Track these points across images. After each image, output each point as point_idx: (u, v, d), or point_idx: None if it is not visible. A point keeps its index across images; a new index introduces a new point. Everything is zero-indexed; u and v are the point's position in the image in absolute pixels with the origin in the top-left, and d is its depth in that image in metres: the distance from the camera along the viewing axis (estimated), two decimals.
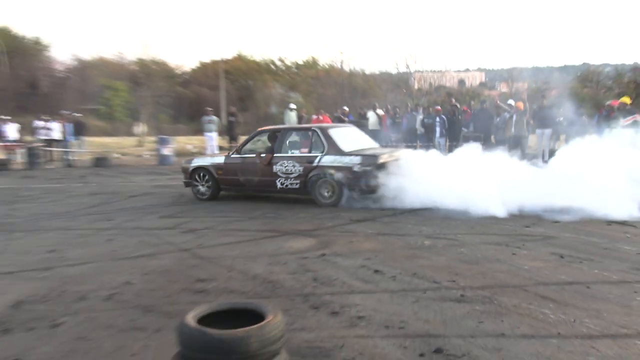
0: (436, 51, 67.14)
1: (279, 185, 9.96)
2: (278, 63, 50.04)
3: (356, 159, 9.28)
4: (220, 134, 22.17)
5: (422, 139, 18.50)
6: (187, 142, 29.72)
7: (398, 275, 5.32)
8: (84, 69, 43.57)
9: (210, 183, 10.71)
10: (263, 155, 10.11)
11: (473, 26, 79.78)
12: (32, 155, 19.87)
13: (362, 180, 9.16)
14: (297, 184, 9.79)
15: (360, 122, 17.89)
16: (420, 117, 19.05)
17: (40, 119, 21.59)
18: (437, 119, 18.22)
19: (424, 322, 4.09)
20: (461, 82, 56.71)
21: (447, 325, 4.01)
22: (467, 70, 60.48)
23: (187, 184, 11.11)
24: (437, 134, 18.04)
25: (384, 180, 8.99)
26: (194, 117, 38.46)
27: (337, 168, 9.36)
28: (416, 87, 37.50)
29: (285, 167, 9.81)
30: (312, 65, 48.44)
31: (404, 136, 18.73)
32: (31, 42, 43.08)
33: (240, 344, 2.90)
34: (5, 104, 32.38)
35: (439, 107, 19.51)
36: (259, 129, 10.99)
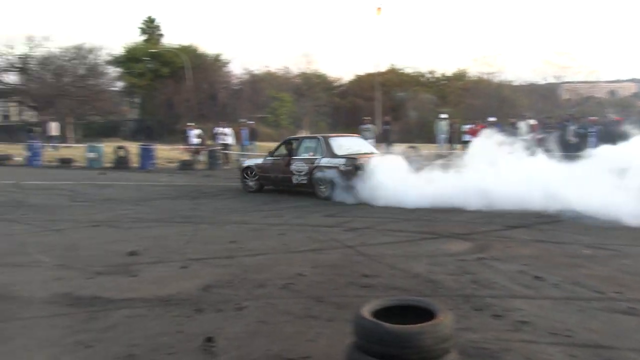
0: (586, 62, 62.80)
1: (294, 181, 12.49)
2: (428, 75, 50.07)
3: (342, 160, 11.56)
4: (377, 141, 22.61)
5: (572, 148, 17.68)
6: None
7: (560, 283, 5.18)
8: (255, 82, 46.67)
9: (256, 178, 13.37)
10: (284, 157, 12.80)
11: (626, 36, 72.80)
12: (213, 158, 21.73)
13: (346, 176, 11.22)
14: (305, 180, 12.20)
15: (510, 131, 17.57)
16: (572, 127, 18.34)
17: (219, 126, 23.52)
18: (592, 129, 17.44)
19: (592, 332, 3.95)
20: (612, 92, 52.41)
21: (617, 337, 3.84)
22: (619, 81, 55.51)
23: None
24: (592, 144, 17.14)
25: (362, 179, 10.92)
26: (350, 125, 39.58)
27: (330, 167, 11.66)
28: (566, 97, 35.85)
29: (298, 167, 12.38)
30: (460, 76, 47.85)
31: (556, 146, 18.06)
32: (212, 58, 47.14)
33: (414, 339, 3.04)
34: (190, 113, 35.88)
35: (594, 118, 18.61)
36: (287, 138, 13.89)
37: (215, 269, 6.04)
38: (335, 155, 11.81)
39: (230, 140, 22.93)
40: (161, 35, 49.72)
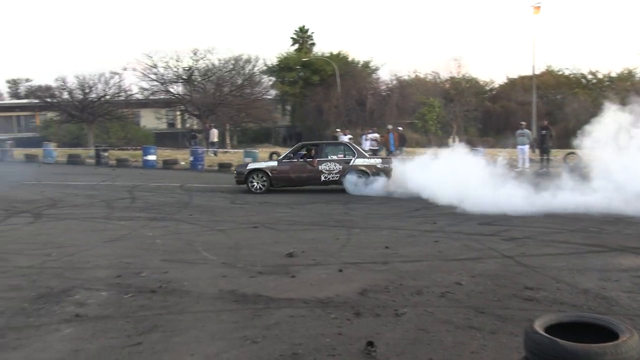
0: None
1: (322, 178, 14.78)
2: (589, 77, 46.42)
3: (379, 160, 15.24)
4: (532, 146, 21.49)
5: None
6: (495, 153, 29.39)
7: None
8: (403, 88, 46.59)
9: (264, 180, 14.79)
10: (310, 159, 14.93)
11: None
12: None
13: (381, 173, 14.33)
14: (337, 177, 14.64)
15: None
16: None
17: (367, 132, 23.76)
18: None
19: None
20: None
21: None
22: None
23: (239, 182, 15.13)
24: None
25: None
26: (501, 130, 38.02)
27: (366, 166, 14.58)
28: None
29: (329, 166, 14.72)
30: (627, 77, 43.74)
31: None
32: (361, 65, 47.85)
33: None
34: (338, 119, 36.71)
35: None
36: (301, 143, 16.76)
37: (371, 274, 6.07)
38: (366, 157, 15.24)
39: (368, 146, 23.04)
40: (313, 44, 51.34)
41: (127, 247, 7.77)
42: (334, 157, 14.92)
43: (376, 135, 23.57)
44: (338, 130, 26.62)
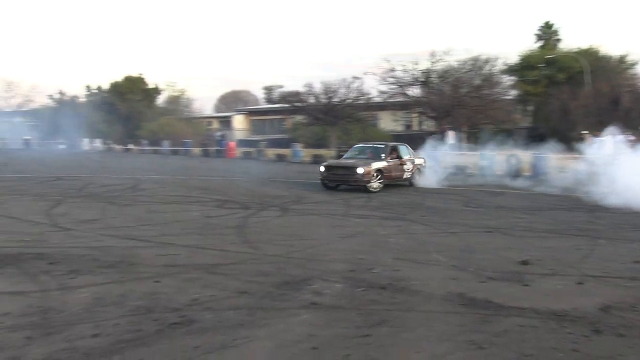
0: None
1: (404, 176, 17.05)
2: None
3: (421, 160, 18.20)
4: None
5: None
6: None
7: None
8: None
9: (380, 180, 15.77)
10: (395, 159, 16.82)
11: None
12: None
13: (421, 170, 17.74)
14: (410, 174, 17.20)
15: None
16: None
17: (622, 134, 21.51)
18: None
19: None
20: None
21: None
22: None
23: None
24: None
25: None
26: None
27: (422, 163, 17.96)
28: None
29: (408, 166, 17.16)
30: None
31: None
32: (615, 60, 43.38)
33: None
34: (586, 120, 33.76)
35: None
36: (358, 145, 19.34)
37: (616, 290, 5.54)
38: (419, 157, 18.35)
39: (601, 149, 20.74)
40: (558, 40, 48.06)
41: (362, 244, 8.17)
42: (407, 157, 17.37)
43: (629, 137, 21.18)
44: (585, 132, 24.48)
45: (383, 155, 16.63)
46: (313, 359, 4.01)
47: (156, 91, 55.26)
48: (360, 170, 15.39)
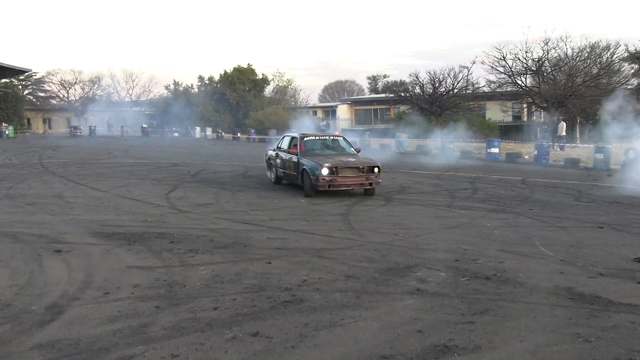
0: None
1: None
2: None
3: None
4: None
5: None
6: None
7: None
8: None
9: None
10: None
11: None
12: None
13: None
14: None
15: None
16: None
17: None
18: None
19: None
20: None
21: None
22: None
23: None
24: None
25: None
26: None
27: None
28: None
29: None
30: None
31: None
32: None
33: None
34: None
35: None
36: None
37: None
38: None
39: None
40: None
41: (466, 235, 8.19)
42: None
43: None
44: None
45: (352, 150, 13.61)
46: (418, 340, 4.18)
47: (264, 81, 56.92)
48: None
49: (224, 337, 4.24)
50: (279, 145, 14.27)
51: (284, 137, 14.54)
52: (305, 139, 13.38)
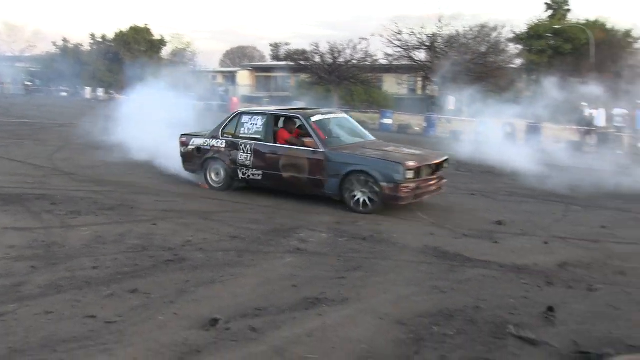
0: None
1: None
2: None
3: None
4: None
5: None
6: None
7: None
8: None
9: None
10: None
11: None
12: (604, 141, 20.33)
13: None
14: None
15: None
16: None
17: (619, 108, 21.84)
18: None
19: None
20: None
21: None
22: None
23: None
24: None
25: None
26: None
27: None
28: None
29: None
30: None
31: None
32: (621, 34, 43.03)
33: None
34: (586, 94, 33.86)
35: None
36: None
37: (577, 250, 6.00)
38: None
39: (599, 122, 21.19)
40: (568, 10, 47.57)
41: None
42: None
43: (623, 111, 21.50)
44: (584, 103, 24.70)
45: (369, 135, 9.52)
46: (292, 294, 4.48)
47: (162, 43, 54.97)
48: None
49: (102, 294, 4.33)
50: (229, 131, 8.82)
51: (241, 115, 8.92)
52: (315, 120, 8.47)
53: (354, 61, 41.45)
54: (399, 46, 40.26)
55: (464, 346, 3.64)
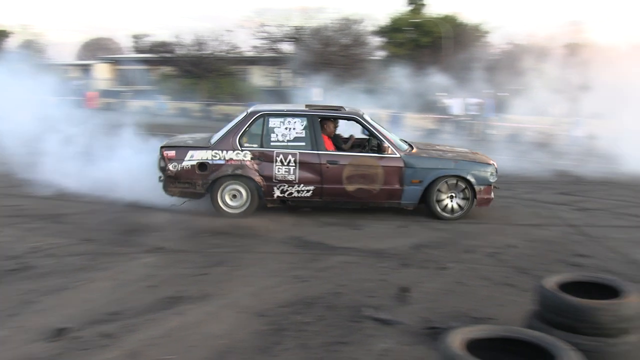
0: None
1: None
2: None
3: None
4: None
5: None
6: None
7: None
8: (514, 53, 44.61)
9: None
10: None
11: None
12: (459, 128, 21.88)
13: None
14: None
15: None
16: None
17: (471, 97, 23.48)
18: None
19: None
20: None
21: None
22: None
23: None
24: None
25: None
26: None
27: None
28: None
29: None
30: None
31: None
32: (472, 28, 46.23)
33: (591, 314, 3.01)
34: (443, 84, 36.09)
35: None
36: None
37: (431, 232, 6.33)
38: None
39: (455, 110, 22.88)
40: (422, 4, 50.24)
41: None
42: None
43: (477, 100, 23.19)
44: (441, 94, 26.28)
45: None
46: (150, 294, 4.32)
47: (4, 34, 50.71)
48: None
49: None
50: (252, 140, 7.02)
51: (265, 118, 7.06)
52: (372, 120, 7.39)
53: (220, 53, 40.94)
54: (264, 38, 40.33)
55: (323, 332, 3.71)
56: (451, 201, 6.95)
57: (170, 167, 6.80)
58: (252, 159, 6.88)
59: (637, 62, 14.25)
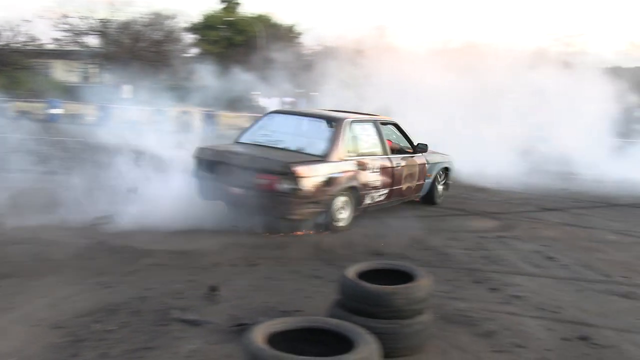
0: None
1: None
2: None
3: None
4: None
5: None
6: None
7: (570, 265, 5.31)
8: (327, 54, 46.73)
9: None
10: None
11: None
12: None
13: None
14: None
15: None
16: None
17: (285, 96, 24.16)
18: None
19: (580, 311, 4.09)
20: None
21: (603, 317, 3.96)
22: None
23: None
24: None
25: None
26: None
27: None
28: None
29: None
30: None
31: None
32: (285, 29, 47.45)
33: (386, 298, 3.27)
34: (259, 82, 36.58)
35: None
36: None
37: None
38: None
39: (271, 109, 23.66)
40: (237, 3, 50.46)
41: None
42: None
43: (291, 99, 23.94)
44: (256, 93, 26.62)
45: None
46: None
47: None
48: None
49: None
50: (351, 148, 6.73)
51: (350, 125, 6.80)
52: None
53: (16, 45, 37.26)
54: (67, 30, 37.51)
55: (127, 339, 3.52)
56: (439, 188, 8.24)
57: (299, 187, 5.89)
58: (357, 169, 6.62)
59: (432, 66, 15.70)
